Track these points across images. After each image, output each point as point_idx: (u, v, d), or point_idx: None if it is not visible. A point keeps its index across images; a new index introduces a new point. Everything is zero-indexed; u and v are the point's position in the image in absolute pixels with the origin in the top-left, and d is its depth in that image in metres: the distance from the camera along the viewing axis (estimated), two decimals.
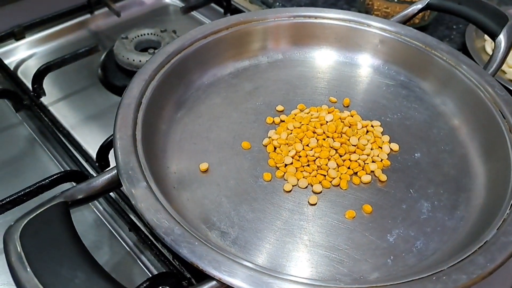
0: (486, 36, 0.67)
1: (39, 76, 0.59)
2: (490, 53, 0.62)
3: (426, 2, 0.56)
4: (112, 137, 0.40)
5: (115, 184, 0.38)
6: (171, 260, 0.42)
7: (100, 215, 0.49)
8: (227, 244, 0.38)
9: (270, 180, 0.43)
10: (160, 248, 0.43)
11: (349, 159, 0.44)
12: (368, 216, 0.41)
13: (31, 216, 0.33)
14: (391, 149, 0.46)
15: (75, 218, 0.48)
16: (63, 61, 0.60)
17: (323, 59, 0.56)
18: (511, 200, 0.37)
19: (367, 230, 0.40)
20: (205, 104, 0.50)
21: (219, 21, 0.54)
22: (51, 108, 0.59)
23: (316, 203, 0.42)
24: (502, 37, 0.50)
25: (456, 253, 0.35)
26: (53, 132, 0.54)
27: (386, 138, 0.47)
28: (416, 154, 0.46)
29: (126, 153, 0.38)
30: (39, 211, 0.33)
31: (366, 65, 0.55)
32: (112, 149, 0.40)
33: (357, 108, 0.51)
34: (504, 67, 0.64)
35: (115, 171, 0.38)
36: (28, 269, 0.30)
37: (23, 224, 0.32)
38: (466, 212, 0.41)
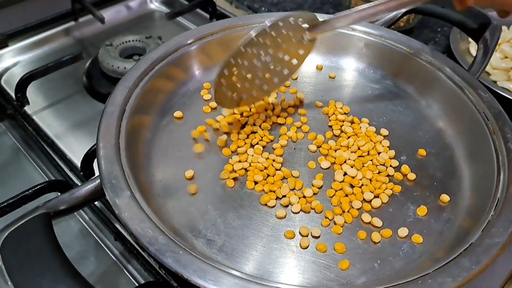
0: (470, 38, 0.67)
1: (22, 85, 0.58)
2: (475, 55, 0.62)
3: None
4: (95, 146, 0.40)
5: (99, 193, 0.37)
6: (158, 269, 0.41)
7: (85, 225, 0.48)
8: (213, 252, 0.38)
9: None
10: (146, 258, 0.42)
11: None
12: (354, 221, 0.41)
13: (12, 228, 0.32)
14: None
15: (60, 228, 0.48)
16: (46, 69, 0.60)
17: (308, 63, 0.56)
18: (496, 202, 0.38)
19: (354, 234, 0.40)
20: (191, 110, 0.50)
21: (204, 27, 0.54)
22: (35, 117, 0.59)
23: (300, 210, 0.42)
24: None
25: (442, 255, 0.35)
26: (37, 142, 0.54)
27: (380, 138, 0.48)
28: (402, 157, 0.46)
29: (110, 162, 0.38)
30: (20, 223, 0.33)
31: (351, 69, 0.55)
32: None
33: None
34: (488, 69, 0.64)
35: (99, 180, 0.37)
36: (9, 283, 0.29)
37: (3, 237, 0.31)
38: (452, 214, 0.41)
